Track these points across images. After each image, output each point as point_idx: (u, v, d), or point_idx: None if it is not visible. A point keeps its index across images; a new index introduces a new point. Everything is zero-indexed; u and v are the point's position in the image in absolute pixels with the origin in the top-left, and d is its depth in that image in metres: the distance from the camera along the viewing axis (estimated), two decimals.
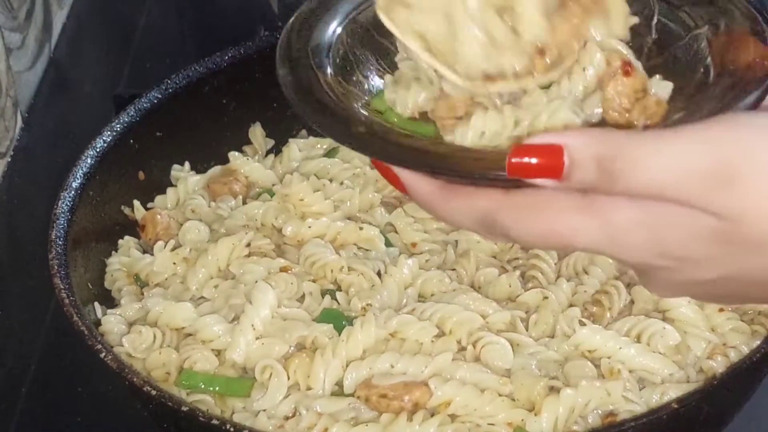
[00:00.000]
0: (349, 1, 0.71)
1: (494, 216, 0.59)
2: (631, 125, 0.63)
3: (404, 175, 0.61)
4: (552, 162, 0.56)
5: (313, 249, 0.97)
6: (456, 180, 0.60)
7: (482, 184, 0.59)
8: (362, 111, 0.65)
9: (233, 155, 1.10)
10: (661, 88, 0.64)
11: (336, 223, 0.99)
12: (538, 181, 0.57)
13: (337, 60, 0.69)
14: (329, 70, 0.67)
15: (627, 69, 0.64)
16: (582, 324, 0.89)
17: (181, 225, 1.03)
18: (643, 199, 0.56)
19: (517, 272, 0.95)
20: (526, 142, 0.57)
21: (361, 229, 0.98)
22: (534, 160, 0.56)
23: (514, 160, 0.57)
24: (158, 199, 1.07)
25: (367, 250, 0.99)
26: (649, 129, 0.61)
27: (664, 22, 0.69)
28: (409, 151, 0.61)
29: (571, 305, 0.92)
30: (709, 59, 0.66)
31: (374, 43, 0.70)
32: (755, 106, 0.60)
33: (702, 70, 0.66)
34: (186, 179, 1.08)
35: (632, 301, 0.93)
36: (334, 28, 0.70)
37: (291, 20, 0.71)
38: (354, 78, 0.69)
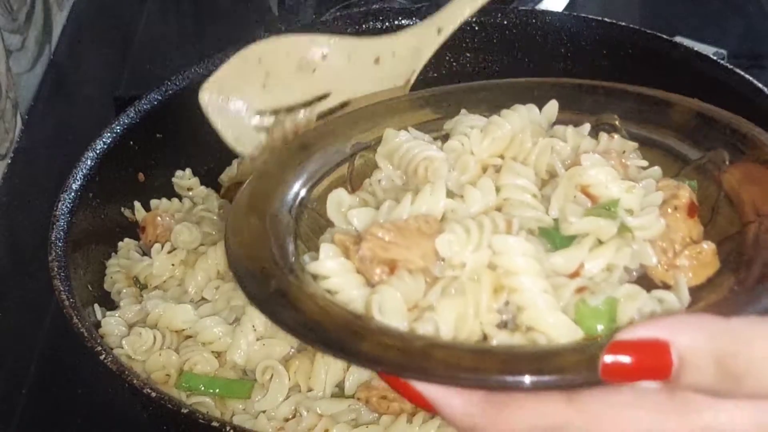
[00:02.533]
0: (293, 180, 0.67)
1: (567, 429, 0.48)
2: (667, 277, 0.56)
3: (430, 391, 0.50)
4: (657, 362, 0.46)
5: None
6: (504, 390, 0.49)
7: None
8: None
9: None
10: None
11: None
12: (640, 383, 0.47)
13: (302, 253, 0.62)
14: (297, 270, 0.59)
15: (693, 207, 0.58)
16: None
17: None
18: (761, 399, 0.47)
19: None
20: (621, 338, 0.47)
21: None
22: (635, 360, 0.46)
23: (609, 359, 0.47)
24: (164, 202, 1.07)
25: None
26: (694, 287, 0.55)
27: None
28: (434, 360, 0.50)
29: None
30: (723, 195, 0.59)
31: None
32: None
33: (720, 208, 0.59)
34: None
35: None
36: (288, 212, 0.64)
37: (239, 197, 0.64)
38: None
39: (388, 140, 0.67)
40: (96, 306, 0.95)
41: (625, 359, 0.47)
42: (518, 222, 0.57)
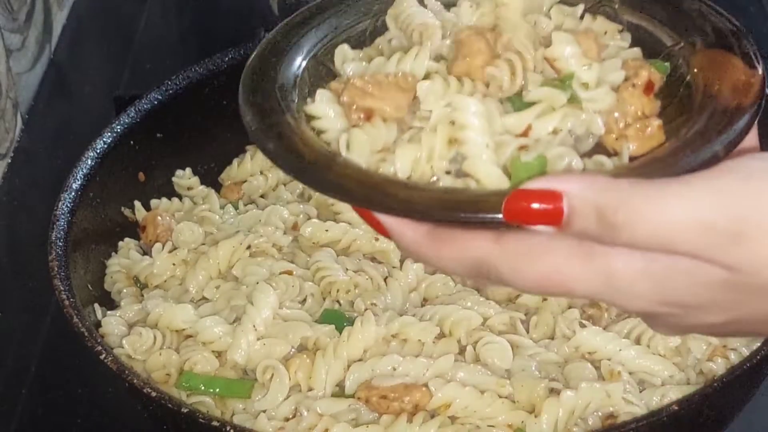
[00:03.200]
0: (312, 36, 0.71)
1: (488, 263, 0.56)
2: (617, 145, 0.62)
3: (387, 221, 0.59)
4: (551, 208, 0.54)
5: (326, 262, 0.96)
6: (444, 224, 0.58)
7: (473, 227, 0.57)
8: (338, 157, 0.63)
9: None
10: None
11: (354, 230, 0.99)
12: (537, 227, 0.55)
13: (304, 100, 0.68)
14: (295, 112, 0.67)
15: (650, 85, 0.63)
16: (582, 326, 0.89)
17: None
18: (647, 250, 0.54)
19: None
20: (525, 187, 0.55)
21: (376, 240, 0.98)
22: (533, 206, 0.54)
23: (511, 204, 0.55)
24: (164, 202, 1.07)
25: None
26: (636, 159, 0.61)
27: (641, 39, 0.69)
28: (391, 196, 0.58)
29: (570, 307, 0.92)
30: (689, 79, 0.65)
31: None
32: (743, 133, 0.58)
33: (682, 90, 0.65)
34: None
35: None
36: (298, 65, 0.70)
37: (254, 55, 0.70)
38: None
39: (397, 2, 0.72)
40: (96, 306, 0.95)
41: (524, 203, 0.54)
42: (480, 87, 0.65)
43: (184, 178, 1.10)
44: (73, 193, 0.97)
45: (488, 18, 0.70)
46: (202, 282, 0.97)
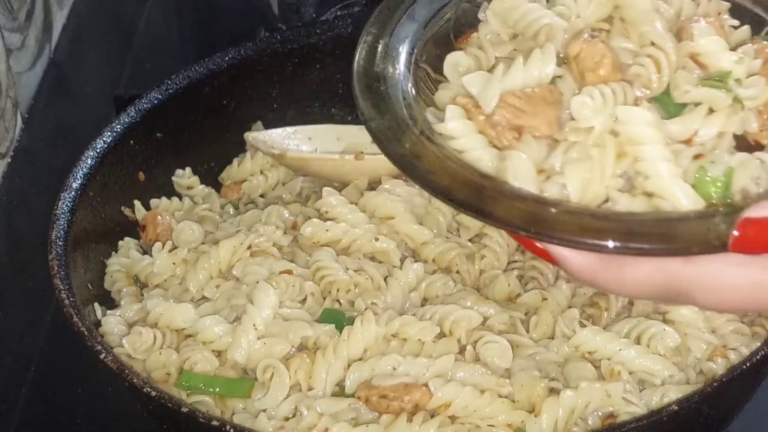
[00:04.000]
0: (405, 30, 0.70)
1: (679, 287, 0.54)
2: (760, 137, 0.60)
3: (555, 249, 0.55)
4: None
5: (326, 261, 0.96)
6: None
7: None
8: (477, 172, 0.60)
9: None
10: None
11: (354, 230, 0.99)
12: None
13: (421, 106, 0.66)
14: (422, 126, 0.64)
15: None
16: (582, 325, 0.89)
17: None
18: None
19: (515, 272, 0.96)
20: (756, 215, 0.52)
21: (376, 240, 0.98)
22: (760, 236, 0.51)
23: (743, 236, 0.52)
24: (164, 201, 1.07)
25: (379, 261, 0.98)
26: None
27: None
28: (565, 224, 0.55)
29: (569, 307, 0.92)
30: None
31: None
32: None
33: None
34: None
35: (631, 303, 0.93)
36: (403, 69, 0.68)
37: (358, 59, 0.68)
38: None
39: None
40: (96, 305, 0.95)
41: (752, 234, 0.51)
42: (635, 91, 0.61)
43: (184, 177, 1.10)
44: (73, 193, 0.97)
45: (605, 7, 0.66)
46: (202, 281, 0.97)
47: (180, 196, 1.09)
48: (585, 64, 0.62)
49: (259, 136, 1.10)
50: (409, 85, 0.66)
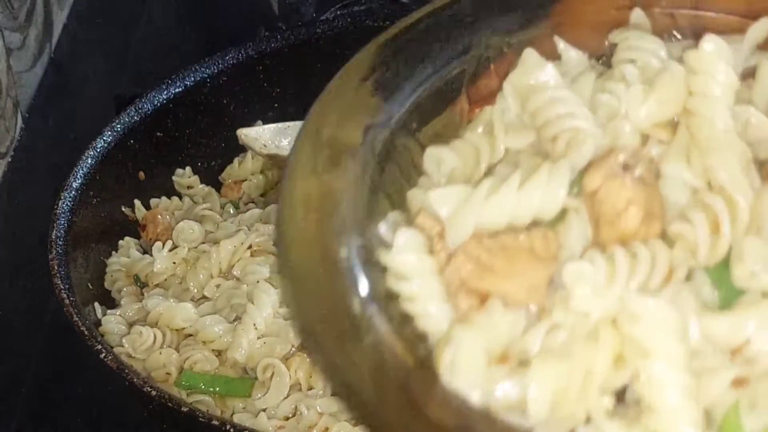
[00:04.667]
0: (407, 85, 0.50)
1: None
2: None
3: None
4: None
5: None
6: None
7: None
8: None
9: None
10: None
11: None
12: None
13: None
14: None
15: None
16: None
17: None
18: None
19: None
20: None
21: None
22: None
23: None
24: (165, 200, 1.07)
25: None
26: None
27: None
28: None
29: None
30: None
31: None
32: None
33: None
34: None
35: None
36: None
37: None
38: None
39: (527, 66, 0.46)
40: (96, 304, 0.95)
41: None
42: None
43: (184, 176, 1.10)
44: (73, 192, 0.97)
45: (671, 107, 0.43)
46: (202, 281, 0.97)
47: (180, 196, 1.09)
48: (603, 210, 0.41)
49: (251, 132, 1.10)
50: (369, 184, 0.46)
